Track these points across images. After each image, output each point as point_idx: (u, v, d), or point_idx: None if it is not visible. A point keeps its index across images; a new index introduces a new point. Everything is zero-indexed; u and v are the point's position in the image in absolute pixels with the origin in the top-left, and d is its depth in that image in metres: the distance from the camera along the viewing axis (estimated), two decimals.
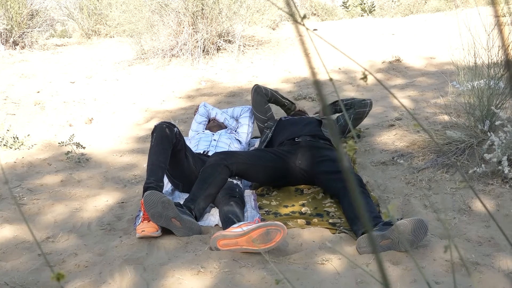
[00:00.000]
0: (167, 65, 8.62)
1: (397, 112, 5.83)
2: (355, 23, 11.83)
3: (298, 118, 4.63)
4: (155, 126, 3.89)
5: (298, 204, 3.87)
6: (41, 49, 10.22)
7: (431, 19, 11.39)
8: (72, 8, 11.88)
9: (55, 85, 7.78)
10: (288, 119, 4.68)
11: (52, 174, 4.77)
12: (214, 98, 7.14)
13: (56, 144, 5.48)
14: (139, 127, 6.28)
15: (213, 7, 8.76)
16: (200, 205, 3.62)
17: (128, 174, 4.78)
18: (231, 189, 3.76)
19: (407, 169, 4.23)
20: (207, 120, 5.21)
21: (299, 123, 4.48)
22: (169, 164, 3.87)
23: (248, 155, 4.08)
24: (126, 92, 7.56)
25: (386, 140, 4.97)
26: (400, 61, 8.16)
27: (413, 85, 7.07)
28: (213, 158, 3.87)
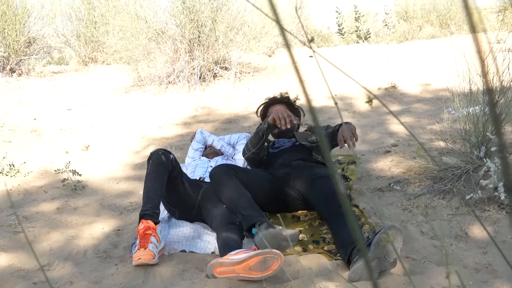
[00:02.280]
0: (164, 92, 8.65)
1: (393, 139, 5.84)
2: (351, 49, 11.91)
3: (287, 147, 4.50)
4: (151, 153, 3.90)
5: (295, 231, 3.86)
6: (38, 76, 10.25)
7: (426, 45, 11.48)
8: (69, 35, 11.94)
9: (52, 112, 7.80)
10: (277, 150, 4.55)
11: (48, 201, 4.76)
12: (211, 125, 7.16)
13: (52, 171, 5.47)
14: (135, 154, 6.28)
15: (209, 35, 8.82)
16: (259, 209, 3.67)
17: (125, 201, 4.77)
18: (230, 215, 3.75)
19: (403, 195, 4.23)
20: (204, 147, 5.21)
21: (289, 151, 4.43)
22: (165, 191, 3.86)
23: (248, 170, 4.16)
24: (123, 119, 7.57)
25: (383, 167, 4.98)
26: (395, 88, 8.20)
27: (409, 112, 7.10)
28: (219, 170, 3.88)
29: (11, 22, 10.05)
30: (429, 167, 4.42)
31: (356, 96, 7.81)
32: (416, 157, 4.72)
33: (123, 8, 10.67)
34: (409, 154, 4.98)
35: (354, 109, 7.40)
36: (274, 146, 4.49)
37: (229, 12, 9.23)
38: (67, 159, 5.79)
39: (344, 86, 7.77)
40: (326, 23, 17.92)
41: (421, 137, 5.71)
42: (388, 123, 6.53)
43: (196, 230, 3.88)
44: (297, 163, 4.21)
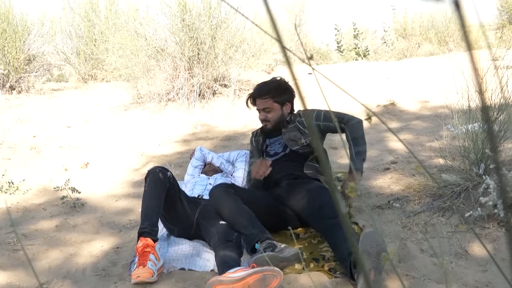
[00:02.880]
0: (163, 109, 8.67)
1: (392, 156, 5.85)
2: (350, 67, 11.95)
3: (279, 158, 4.46)
4: (149, 171, 3.90)
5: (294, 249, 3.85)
6: (38, 94, 10.26)
7: (425, 63, 11.52)
8: (69, 53, 11.98)
9: (51, 130, 7.81)
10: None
11: (47, 219, 4.75)
12: (210, 142, 7.16)
13: (51, 188, 5.47)
14: (134, 171, 6.27)
15: (209, 52, 8.85)
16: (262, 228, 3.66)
17: (124, 219, 4.77)
18: (228, 233, 3.75)
19: (403, 212, 4.23)
20: (203, 164, 5.21)
21: (281, 165, 4.39)
22: (163, 209, 3.86)
23: (247, 189, 4.18)
24: (122, 136, 7.58)
25: (382, 184, 4.98)
26: (394, 105, 8.22)
27: (408, 129, 7.11)
28: (219, 188, 3.89)
29: (11, 39, 10.09)
30: (428, 185, 4.42)
31: (355, 113, 7.81)
32: (415, 174, 4.72)
33: (123, 26, 10.71)
34: (408, 171, 4.99)
35: None
36: (269, 155, 4.48)
37: (228, 29, 9.27)
38: (66, 176, 5.79)
39: (343, 103, 7.77)
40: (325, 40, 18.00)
41: (420, 154, 5.71)
42: (387, 140, 6.54)
43: (195, 247, 3.87)
44: (288, 182, 4.21)
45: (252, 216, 3.73)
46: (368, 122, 1.06)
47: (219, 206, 3.85)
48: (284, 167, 4.31)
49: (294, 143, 4.35)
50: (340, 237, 3.44)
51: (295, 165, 4.31)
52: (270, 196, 4.14)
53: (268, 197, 4.13)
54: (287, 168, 4.29)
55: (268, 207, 4.05)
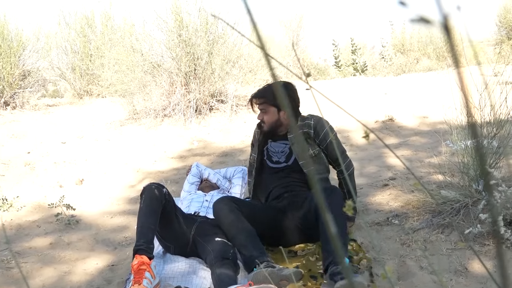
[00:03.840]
0: (159, 125, 8.67)
1: (391, 172, 5.85)
2: (348, 82, 11.98)
3: (282, 168, 4.43)
4: (144, 188, 3.89)
5: (292, 266, 3.84)
6: (32, 109, 10.26)
7: (423, 78, 11.56)
8: (64, 68, 12.01)
9: (46, 146, 7.80)
10: (272, 168, 4.50)
11: (41, 236, 4.74)
12: (207, 158, 7.17)
13: (46, 205, 5.46)
14: (130, 188, 6.27)
15: (205, 68, 8.88)
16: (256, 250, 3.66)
17: (119, 236, 4.75)
18: (224, 251, 3.74)
19: (402, 229, 4.23)
20: (199, 181, 5.21)
21: (282, 177, 4.37)
22: (159, 226, 3.85)
23: (250, 203, 4.16)
24: (118, 152, 7.58)
25: (381, 200, 4.98)
26: (393, 121, 8.23)
27: (406, 145, 7.12)
28: (222, 203, 3.89)
29: (6, 55, 10.11)
30: (427, 201, 4.42)
31: (353, 129, 7.84)
32: (414, 191, 4.72)
33: (119, 41, 10.75)
34: (407, 188, 4.99)
35: (352, 142, 7.43)
36: (270, 160, 4.43)
37: (225, 45, 9.30)
38: (61, 193, 5.78)
39: (341, 119, 7.79)
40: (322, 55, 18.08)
41: (419, 170, 5.72)
42: (386, 156, 6.54)
43: (192, 265, 3.86)
44: (289, 195, 4.21)
45: (252, 235, 3.74)
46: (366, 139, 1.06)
47: (220, 221, 3.87)
48: (286, 182, 4.29)
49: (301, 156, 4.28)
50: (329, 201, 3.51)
51: (298, 181, 4.28)
52: (273, 210, 4.14)
53: (270, 211, 4.13)
54: (290, 184, 4.27)
55: (270, 221, 4.05)
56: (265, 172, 4.41)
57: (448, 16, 0.62)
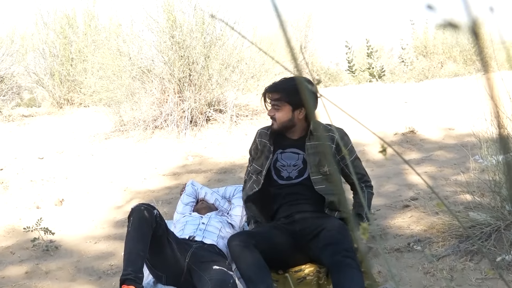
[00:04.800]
0: (150, 138, 8.69)
1: (412, 191, 5.85)
2: (363, 89, 12.00)
3: (294, 184, 4.40)
4: (132, 209, 3.88)
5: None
6: (6, 120, 10.28)
7: (448, 84, 11.57)
8: (42, 74, 12.01)
9: (21, 161, 7.82)
10: (283, 185, 4.49)
11: (15, 264, 4.74)
12: (203, 176, 7.17)
13: (21, 229, 5.46)
14: (117, 209, 6.27)
15: (202, 73, 8.90)
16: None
17: (104, 264, 4.76)
18: (223, 280, 3.74)
19: (425, 256, 4.22)
20: (195, 201, 5.20)
21: (293, 195, 4.36)
22: (149, 252, 3.84)
23: (265, 233, 4.15)
24: (103, 169, 7.59)
25: (401, 223, 4.98)
26: (414, 133, 8.24)
27: (430, 160, 7.12)
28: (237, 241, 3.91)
29: None
30: (454, 224, 4.42)
31: (369, 143, 7.84)
32: (438, 213, 4.72)
33: (104, 43, 10.78)
34: (431, 209, 4.98)
35: (368, 157, 7.43)
36: (280, 177, 4.39)
37: (224, 47, 9.33)
38: (38, 215, 5.79)
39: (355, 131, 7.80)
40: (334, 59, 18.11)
41: (444, 189, 5.71)
42: (406, 173, 6.54)
43: None
44: (300, 218, 4.21)
45: (262, 268, 3.78)
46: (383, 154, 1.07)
47: (235, 260, 3.92)
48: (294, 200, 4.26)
49: (315, 170, 4.24)
50: (347, 277, 3.49)
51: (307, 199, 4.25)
52: (288, 236, 4.14)
53: (287, 237, 4.14)
54: (299, 203, 4.26)
55: (288, 248, 4.10)
56: (269, 188, 4.38)
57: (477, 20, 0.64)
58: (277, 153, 4.38)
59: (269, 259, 3.90)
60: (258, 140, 4.50)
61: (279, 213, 4.32)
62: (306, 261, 4.18)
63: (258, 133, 4.54)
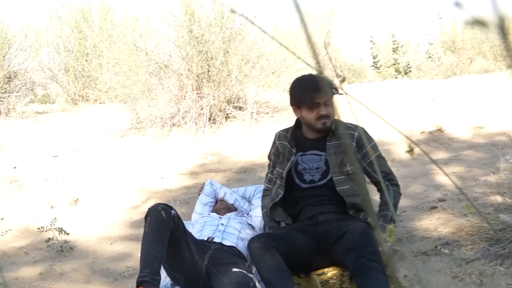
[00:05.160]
0: (167, 135, 8.71)
1: (440, 192, 5.82)
2: (388, 86, 11.94)
3: (317, 187, 4.38)
4: (149, 209, 3.89)
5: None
6: (19, 117, 10.34)
7: (478, 81, 11.49)
8: (56, 69, 12.06)
9: (35, 160, 7.86)
10: (305, 187, 4.43)
11: (29, 265, 4.77)
12: (222, 175, 7.18)
13: (34, 229, 5.50)
14: (133, 209, 6.29)
15: (221, 69, 8.90)
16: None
17: (120, 265, 4.78)
18: (243, 283, 3.74)
19: (453, 260, 4.21)
20: (214, 201, 5.20)
21: (316, 196, 4.36)
22: (167, 254, 3.85)
23: (286, 236, 4.13)
24: (118, 167, 7.62)
25: (428, 226, 4.96)
26: (442, 131, 8.20)
27: (458, 160, 7.08)
28: (258, 243, 3.91)
29: None
30: (483, 227, 4.40)
31: (395, 142, 7.82)
32: (467, 214, 4.70)
33: (120, 38, 10.82)
34: (459, 211, 4.96)
35: (393, 156, 7.40)
36: (303, 179, 4.37)
37: (243, 42, 9.32)
38: (52, 215, 5.82)
39: (380, 130, 7.78)
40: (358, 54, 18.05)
41: (474, 190, 5.68)
42: (434, 173, 6.51)
43: None
44: (324, 219, 4.20)
45: (284, 272, 3.78)
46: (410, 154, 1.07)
47: (255, 263, 3.91)
48: (318, 201, 4.26)
49: (338, 170, 4.22)
50: (372, 282, 3.48)
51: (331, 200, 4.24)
52: (311, 238, 4.14)
53: (309, 240, 4.13)
54: (322, 204, 4.25)
55: (311, 251, 4.08)
56: (291, 193, 4.38)
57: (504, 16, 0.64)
58: (298, 156, 4.36)
59: (290, 262, 3.91)
60: (278, 143, 4.47)
61: (302, 214, 4.31)
62: (329, 264, 4.17)
63: (277, 136, 4.51)
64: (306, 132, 4.32)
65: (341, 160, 4.19)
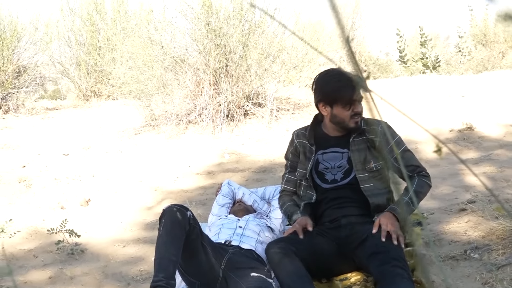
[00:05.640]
0: (183, 133, 8.72)
1: (469, 193, 5.79)
2: (415, 81, 11.90)
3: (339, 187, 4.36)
4: (164, 210, 3.89)
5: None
6: (29, 114, 10.38)
7: (510, 77, 11.42)
8: (68, 64, 12.11)
9: (45, 158, 7.90)
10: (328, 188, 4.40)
11: (38, 268, 4.79)
12: (240, 175, 7.18)
13: (44, 231, 5.52)
14: (147, 210, 6.31)
15: (239, 63, 8.90)
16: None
17: (133, 269, 4.79)
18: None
19: (483, 265, 4.19)
20: (231, 202, 5.20)
21: (338, 198, 4.34)
22: (182, 258, 3.85)
23: (306, 241, 4.11)
24: (132, 167, 7.64)
25: (456, 229, 4.94)
26: (472, 130, 8.16)
27: (489, 160, 7.04)
28: (276, 248, 3.90)
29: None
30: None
31: (422, 140, 7.79)
32: (498, 217, 4.67)
33: (134, 31, 10.85)
34: (490, 213, 4.94)
35: (421, 155, 7.37)
36: (324, 178, 4.35)
37: (263, 35, 9.31)
38: (62, 216, 5.84)
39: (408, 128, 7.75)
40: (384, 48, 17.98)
41: (505, 191, 5.65)
42: (463, 173, 6.48)
43: None
44: (346, 222, 4.19)
45: (303, 278, 3.77)
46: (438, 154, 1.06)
47: (274, 269, 3.90)
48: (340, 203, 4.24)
49: (361, 167, 4.20)
50: None
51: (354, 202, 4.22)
52: (333, 242, 4.13)
53: (331, 244, 4.11)
54: (345, 206, 4.23)
55: (332, 256, 4.06)
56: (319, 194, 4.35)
57: None
58: (318, 154, 4.33)
59: (311, 267, 3.90)
60: (297, 142, 4.43)
61: (323, 217, 4.29)
62: (352, 269, 4.16)
63: (295, 134, 4.47)
64: (328, 129, 4.28)
65: (365, 157, 4.16)
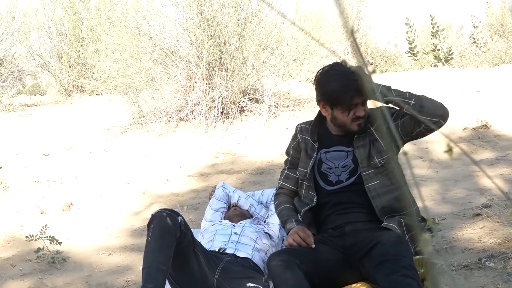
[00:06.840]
0: (173, 132, 8.72)
1: (485, 197, 5.80)
2: (426, 75, 11.90)
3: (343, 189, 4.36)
4: (153, 215, 3.89)
5: None
6: (5, 110, 10.37)
7: None
8: (48, 56, 12.06)
9: (23, 159, 7.90)
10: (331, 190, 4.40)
11: (16, 279, 4.80)
12: (236, 177, 7.18)
13: (22, 238, 5.52)
14: (134, 215, 6.31)
15: (235, 56, 8.89)
16: None
17: (119, 279, 4.80)
18: None
19: (499, 275, 4.20)
20: (226, 207, 5.20)
21: (342, 201, 4.34)
22: (172, 267, 3.85)
23: (310, 252, 4.11)
24: (118, 168, 7.64)
25: (470, 235, 4.95)
26: (488, 128, 8.17)
27: (506, 160, 7.05)
28: (278, 260, 3.90)
29: None
30: None
31: (434, 139, 7.78)
32: None
33: (120, 20, 10.83)
34: (506, 219, 4.95)
35: (432, 156, 7.38)
36: (327, 179, 4.35)
37: (261, 25, 9.30)
38: (42, 221, 5.84)
39: None
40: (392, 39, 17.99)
41: None
42: (478, 175, 6.49)
43: None
44: (351, 228, 4.20)
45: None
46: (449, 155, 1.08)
47: (274, 283, 3.90)
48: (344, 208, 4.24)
49: (366, 164, 4.19)
50: None
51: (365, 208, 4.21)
52: (337, 251, 4.13)
53: (335, 253, 4.12)
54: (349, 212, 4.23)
55: (337, 265, 4.07)
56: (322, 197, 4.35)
57: None
58: (321, 153, 4.32)
59: (315, 279, 3.91)
60: (300, 137, 4.42)
61: (326, 224, 4.28)
62: (357, 279, 4.17)
63: (299, 129, 4.45)
64: (330, 127, 4.29)
65: (369, 152, 4.15)
